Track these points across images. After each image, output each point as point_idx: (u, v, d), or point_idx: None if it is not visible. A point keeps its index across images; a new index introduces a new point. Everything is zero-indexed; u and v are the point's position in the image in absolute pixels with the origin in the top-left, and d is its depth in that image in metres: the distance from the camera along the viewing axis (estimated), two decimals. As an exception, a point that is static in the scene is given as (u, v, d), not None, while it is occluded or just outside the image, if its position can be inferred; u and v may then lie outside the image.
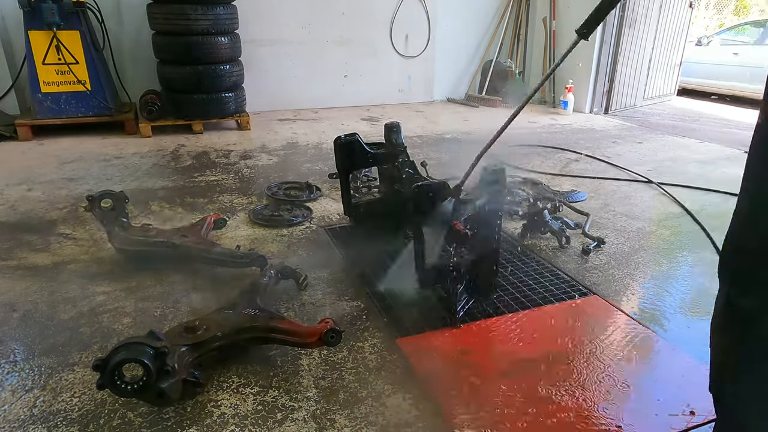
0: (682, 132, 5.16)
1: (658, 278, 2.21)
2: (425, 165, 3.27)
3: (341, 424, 1.38)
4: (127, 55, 5.01)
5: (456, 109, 6.00)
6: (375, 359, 1.64)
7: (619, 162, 3.93)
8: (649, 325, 1.86)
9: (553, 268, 2.26)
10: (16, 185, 3.17)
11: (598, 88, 5.95)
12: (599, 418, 1.42)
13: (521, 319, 1.87)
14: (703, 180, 3.51)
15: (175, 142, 4.28)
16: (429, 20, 6.06)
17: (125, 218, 2.24)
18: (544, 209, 2.52)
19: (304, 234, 2.56)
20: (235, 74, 4.59)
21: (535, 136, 4.79)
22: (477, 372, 1.59)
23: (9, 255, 2.28)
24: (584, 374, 1.59)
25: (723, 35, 8.78)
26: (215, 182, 3.30)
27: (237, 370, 1.58)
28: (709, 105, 7.22)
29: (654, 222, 2.80)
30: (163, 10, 4.22)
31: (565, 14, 6.04)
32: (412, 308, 1.90)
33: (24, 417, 1.39)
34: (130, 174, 3.43)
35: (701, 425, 1.41)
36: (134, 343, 1.32)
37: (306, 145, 4.28)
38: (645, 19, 5.95)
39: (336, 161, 2.36)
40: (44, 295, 1.97)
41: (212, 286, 2.06)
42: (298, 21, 5.52)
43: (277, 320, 1.60)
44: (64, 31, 4.05)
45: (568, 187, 3.29)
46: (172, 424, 1.37)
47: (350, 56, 5.88)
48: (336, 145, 2.33)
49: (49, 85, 4.17)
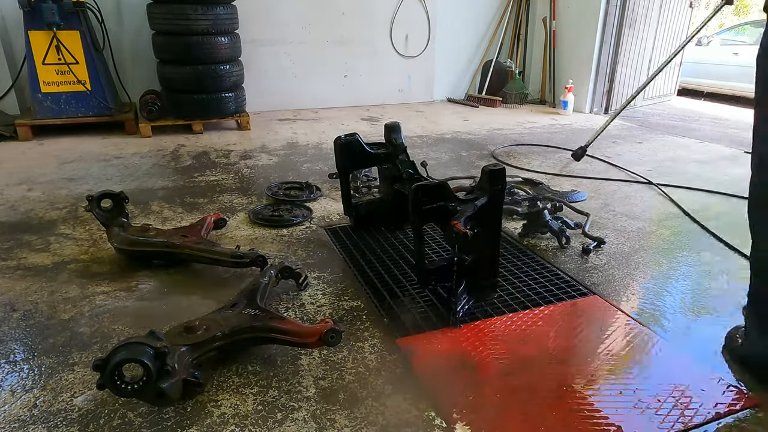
0: (682, 132, 5.16)
1: (658, 278, 2.21)
2: (425, 165, 3.28)
3: (341, 424, 1.38)
4: (127, 55, 5.01)
5: (456, 109, 6.00)
6: (375, 359, 1.64)
7: (619, 162, 3.93)
8: (649, 325, 1.86)
9: (553, 268, 2.26)
10: (16, 185, 3.17)
11: (598, 88, 5.95)
12: (599, 417, 1.42)
13: (521, 319, 1.87)
14: (703, 180, 3.51)
15: (175, 142, 4.28)
16: (429, 20, 6.06)
17: (125, 218, 2.24)
18: (544, 209, 2.53)
19: (304, 234, 2.56)
20: (235, 74, 4.59)
21: (535, 136, 4.79)
22: (477, 372, 1.59)
23: (9, 255, 2.28)
24: (584, 374, 1.59)
25: (723, 35, 8.79)
26: (215, 182, 3.30)
27: (237, 370, 1.58)
28: (709, 105, 7.21)
29: (654, 222, 2.80)
30: (163, 10, 4.21)
31: (565, 14, 6.04)
32: (413, 308, 1.90)
33: (24, 417, 1.39)
34: (130, 174, 3.43)
35: (701, 425, 1.41)
36: (134, 343, 1.32)
37: (306, 145, 4.28)
38: (645, 19, 5.95)
39: (336, 161, 2.37)
40: (44, 295, 1.97)
41: (212, 286, 2.06)
42: (298, 21, 5.52)
43: (277, 320, 1.60)
44: (64, 31, 4.05)
45: (568, 187, 3.29)
46: (172, 424, 1.37)
47: (350, 56, 5.88)
48: (336, 145, 2.33)
49: (49, 85, 4.17)
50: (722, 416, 1.44)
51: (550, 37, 6.18)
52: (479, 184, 1.85)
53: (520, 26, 6.44)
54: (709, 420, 1.42)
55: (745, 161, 3.96)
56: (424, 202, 1.74)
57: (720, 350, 1.72)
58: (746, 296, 1.63)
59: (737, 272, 2.26)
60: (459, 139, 4.61)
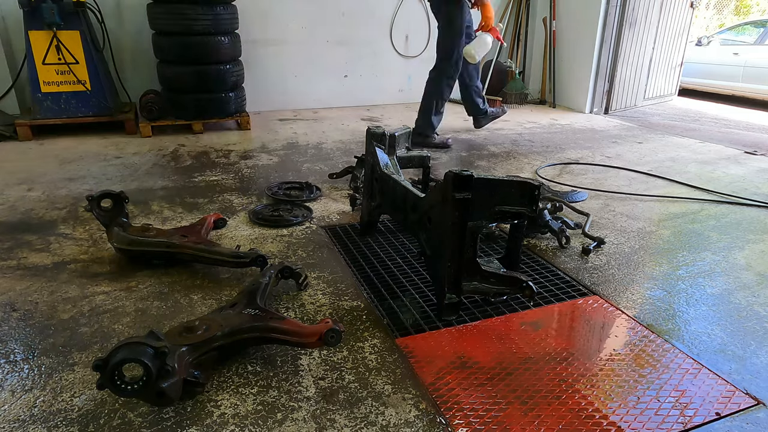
0: (682, 132, 5.16)
1: (658, 278, 2.21)
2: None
3: (341, 424, 1.38)
4: (127, 55, 5.01)
5: (456, 109, 5.99)
6: (375, 359, 1.64)
7: (619, 162, 3.93)
8: (649, 325, 1.86)
9: (553, 268, 2.26)
10: (16, 185, 3.17)
11: (598, 88, 5.95)
12: (599, 417, 1.42)
13: (521, 318, 1.88)
14: (702, 180, 3.51)
15: (175, 142, 4.28)
16: (429, 20, 6.06)
17: (125, 218, 2.24)
18: (544, 209, 2.53)
19: (304, 234, 2.56)
20: (235, 74, 4.59)
21: (536, 136, 4.79)
22: (477, 372, 1.59)
23: (9, 255, 2.28)
24: (584, 374, 1.59)
25: (723, 35, 8.78)
26: (215, 182, 3.30)
27: (237, 370, 1.58)
28: (709, 105, 7.21)
29: (654, 222, 2.80)
30: (163, 10, 4.21)
31: (565, 14, 6.04)
32: (413, 308, 1.90)
33: (24, 417, 1.39)
34: (130, 174, 3.43)
35: (701, 425, 1.41)
36: (134, 343, 1.32)
37: (306, 145, 4.28)
38: (645, 20, 5.95)
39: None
40: (44, 295, 1.97)
41: (212, 286, 2.06)
42: (298, 21, 5.52)
43: (277, 320, 1.60)
44: (64, 31, 4.05)
45: (569, 188, 3.29)
46: (172, 424, 1.37)
47: (350, 56, 5.88)
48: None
49: (49, 85, 4.17)
50: (722, 416, 1.44)
51: (550, 37, 6.18)
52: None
53: (520, 26, 6.44)
54: (709, 420, 1.42)
55: (745, 161, 3.97)
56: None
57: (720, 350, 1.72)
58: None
59: (737, 272, 2.26)
60: (459, 139, 4.61)
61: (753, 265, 2.33)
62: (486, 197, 1.67)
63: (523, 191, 1.68)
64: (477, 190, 1.64)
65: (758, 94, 7.33)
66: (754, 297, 2.07)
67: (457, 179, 1.62)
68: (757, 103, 7.29)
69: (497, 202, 1.69)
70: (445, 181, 1.66)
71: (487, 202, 1.68)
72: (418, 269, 2.21)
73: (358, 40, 5.85)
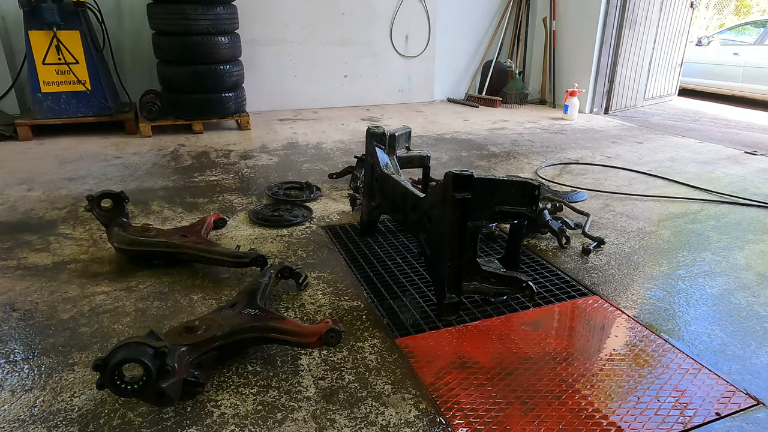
0: (682, 132, 5.15)
1: (658, 278, 2.21)
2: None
3: (341, 424, 1.38)
4: (127, 55, 5.01)
5: (456, 109, 6.00)
6: (375, 359, 1.64)
7: (619, 162, 3.93)
8: (649, 325, 1.86)
9: (553, 268, 2.26)
10: (16, 185, 3.17)
11: (598, 89, 5.95)
12: (599, 417, 1.42)
13: (521, 318, 1.87)
14: (702, 180, 3.51)
15: (175, 142, 4.28)
16: (429, 20, 6.06)
17: (125, 218, 2.24)
18: (544, 209, 2.52)
19: (304, 234, 2.56)
20: (235, 74, 4.59)
21: (536, 136, 4.79)
22: (477, 372, 1.59)
23: (9, 255, 2.28)
24: (584, 374, 1.59)
25: (723, 35, 8.78)
26: (215, 182, 3.30)
27: (237, 370, 1.58)
28: (709, 105, 7.21)
29: (654, 222, 2.80)
30: (163, 10, 4.21)
31: (565, 14, 6.04)
32: (413, 308, 1.90)
33: (24, 417, 1.39)
34: (130, 174, 3.43)
35: (701, 425, 1.41)
36: (134, 342, 1.32)
37: (306, 145, 4.28)
38: (645, 20, 5.95)
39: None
40: (44, 295, 1.97)
41: (212, 286, 2.06)
42: (298, 21, 5.52)
43: (277, 320, 1.60)
44: (64, 31, 4.05)
45: (569, 188, 3.29)
46: (172, 424, 1.37)
47: (350, 56, 5.88)
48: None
49: (49, 85, 4.17)
50: (722, 416, 1.44)
51: (550, 37, 6.17)
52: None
53: (520, 26, 6.44)
54: (709, 420, 1.42)
55: (745, 161, 3.97)
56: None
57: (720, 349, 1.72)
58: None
59: (737, 272, 2.26)
60: (459, 139, 4.61)
61: (753, 265, 2.33)
62: (486, 197, 1.67)
63: (523, 191, 1.68)
64: (477, 190, 1.64)
65: (758, 94, 7.32)
66: (754, 297, 2.07)
67: (457, 179, 1.62)
68: (757, 103, 7.29)
69: (497, 202, 1.69)
70: (445, 181, 1.66)
71: (487, 202, 1.68)
72: (418, 269, 2.21)
73: (358, 40, 5.84)
